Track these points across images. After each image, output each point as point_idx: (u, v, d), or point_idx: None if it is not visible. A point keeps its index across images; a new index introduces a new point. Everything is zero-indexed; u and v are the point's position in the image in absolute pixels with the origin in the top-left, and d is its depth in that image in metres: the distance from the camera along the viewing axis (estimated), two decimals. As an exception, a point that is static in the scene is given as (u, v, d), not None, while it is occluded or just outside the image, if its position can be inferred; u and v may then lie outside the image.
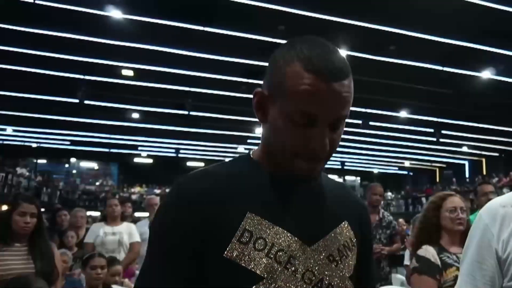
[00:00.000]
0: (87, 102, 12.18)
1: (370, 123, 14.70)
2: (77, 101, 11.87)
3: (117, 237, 3.84)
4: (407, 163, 24.98)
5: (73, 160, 25.09)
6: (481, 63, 10.91)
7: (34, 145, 21.46)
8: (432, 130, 15.63)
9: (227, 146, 20.47)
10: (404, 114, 15.17)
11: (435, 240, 2.09)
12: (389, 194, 22.76)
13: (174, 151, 22.70)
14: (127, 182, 24.30)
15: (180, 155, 23.06)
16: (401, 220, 8.54)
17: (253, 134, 17.31)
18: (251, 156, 0.85)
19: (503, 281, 0.97)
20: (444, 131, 15.73)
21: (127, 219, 4.53)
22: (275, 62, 0.76)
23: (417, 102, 13.47)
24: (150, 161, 24.41)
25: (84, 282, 2.85)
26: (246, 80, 11.71)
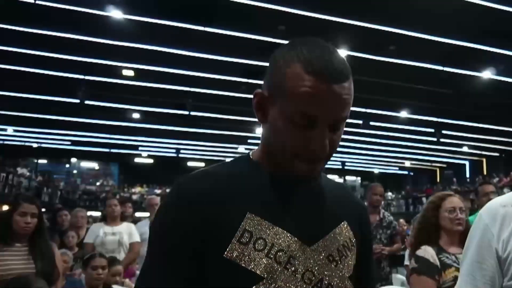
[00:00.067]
0: (87, 102, 12.18)
1: (371, 123, 14.69)
2: (78, 101, 11.88)
3: (117, 237, 3.84)
4: (408, 163, 24.97)
5: (73, 160, 25.10)
6: (481, 63, 10.90)
7: (35, 145, 21.47)
8: (433, 130, 15.62)
9: (227, 146, 20.47)
10: (404, 114, 15.17)
11: (434, 241, 2.09)
12: (390, 194, 22.73)
13: (174, 151, 22.70)
14: (128, 182, 24.30)
15: (180, 155, 23.06)
16: (402, 220, 8.55)
17: (253, 134, 17.30)
18: (251, 156, 0.85)
19: (503, 280, 0.97)
20: (444, 131, 15.72)
21: (127, 219, 4.53)
22: (275, 63, 0.77)
23: (417, 102, 13.46)
24: (150, 161, 24.41)
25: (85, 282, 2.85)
26: (246, 80, 11.71)
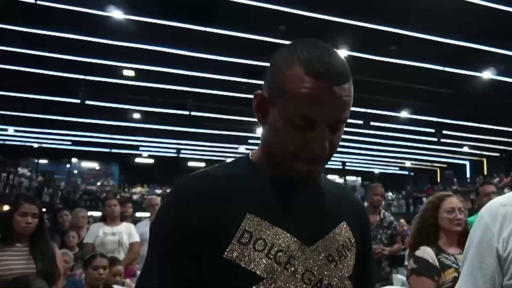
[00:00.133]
0: (88, 102, 12.19)
1: (371, 123, 14.68)
2: (78, 101, 11.89)
3: (116, 237, 3.84)
4: (408, 163, 24.96)
5: (74, 160, 25.11)
6: (481, 63, 10.90)
7: (35, 145, 21.48)
8: (433, 130, 15.61)
9: (228, 146, 20.47)
10: (404, 114, 15.16)
11: (433, 241, 2.08)
12: (390, 194, 22.71)
13: (175, 151, 22.71)
14: (128, 182, 24.30)
15: (181, 155, 23.07)
16: (402, 220, 8.52)
17: (253, 134, 17.31)
18: (251, 157, 0.85)
19: (504, 279, 0.98)
20: (444, 131, 15.72)
21: (127, 219, 4.53)
22: (276, 65, 0.77)
23: (418, 102, 13.46)
24: (151, 161, 24.41)
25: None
26: (246, 80, 11.72)
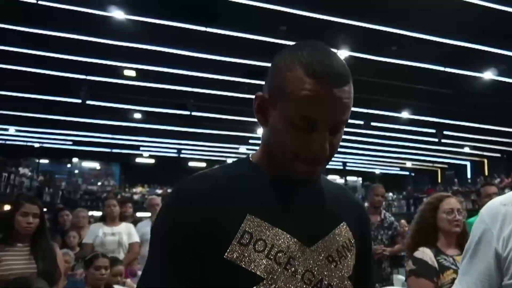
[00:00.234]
0: (88, 102, 12.19)
1: (371, 123, 14.68)
2: (79, 101, 11.90)
3: (116, 237, 3.83)
4: (409, 164, 24.92)
5: (75, 160, 25.10)
6: (482, 63, 10.88)
7: (36, 145, 21.48)
8: (434, 131, 15.59)
9: (228, 146, 20.46)
10: (405, 114, 15.13)
11: (432, 242, 2.07)
12: (391, 194, 22.68)
13: (176, 151, 22.69)
14: (129, 182, 24.27)
15: (182, 155, 23.06)
16: (403, 221, 8.52)
17: (254, 135, 17.30)
18: (251, 158, 0.86)
19: (503, 279, 0.98)
20: (445, 132, 15.70)
21: (127, 219, 4.52)
22: (276, 66, 0.77)
23: (418, 103, 13.44)
24: (152, 161, 24.40)
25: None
26: (246, 81, 11.72)
